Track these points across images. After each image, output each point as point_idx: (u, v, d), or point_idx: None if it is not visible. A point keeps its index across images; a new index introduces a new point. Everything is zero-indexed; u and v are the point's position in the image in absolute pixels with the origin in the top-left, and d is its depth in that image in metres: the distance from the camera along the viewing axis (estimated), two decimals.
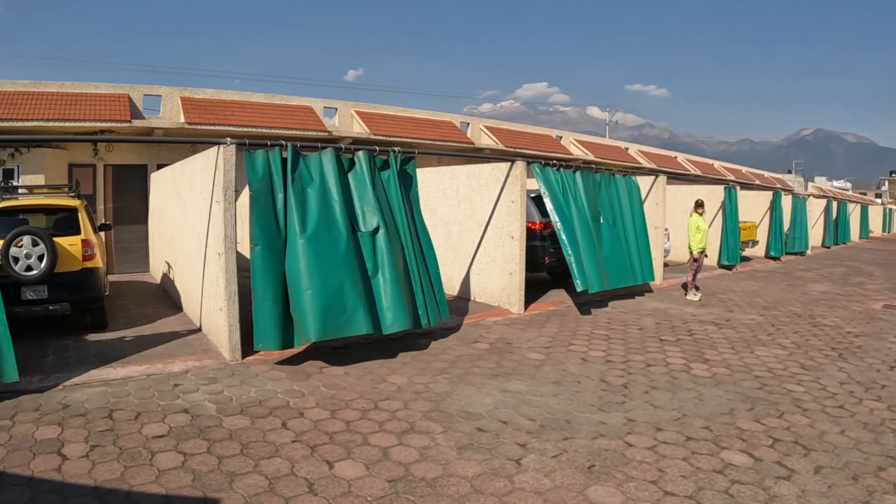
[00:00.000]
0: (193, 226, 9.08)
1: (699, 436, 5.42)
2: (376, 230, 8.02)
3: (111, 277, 13.86)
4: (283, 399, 6.17)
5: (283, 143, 7.70)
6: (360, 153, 8.30)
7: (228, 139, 7.47)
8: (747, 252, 21.54)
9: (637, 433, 5.46)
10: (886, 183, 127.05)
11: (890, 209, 60.41)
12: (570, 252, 10.83)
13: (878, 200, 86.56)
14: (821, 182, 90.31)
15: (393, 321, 7.87)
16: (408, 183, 8.79)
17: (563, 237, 10.92)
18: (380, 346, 8.35)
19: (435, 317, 8.57)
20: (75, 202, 9.51)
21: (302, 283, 7.30)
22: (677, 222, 18.36)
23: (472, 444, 5.17)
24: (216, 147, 7.60)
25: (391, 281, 7.93)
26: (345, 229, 7.73)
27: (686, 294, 12.95)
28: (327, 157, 7.94)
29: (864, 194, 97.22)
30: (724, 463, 4.88)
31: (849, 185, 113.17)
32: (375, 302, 7.84)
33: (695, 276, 12.99)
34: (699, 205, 13.12)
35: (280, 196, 7.54)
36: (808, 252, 25.32)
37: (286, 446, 5.07)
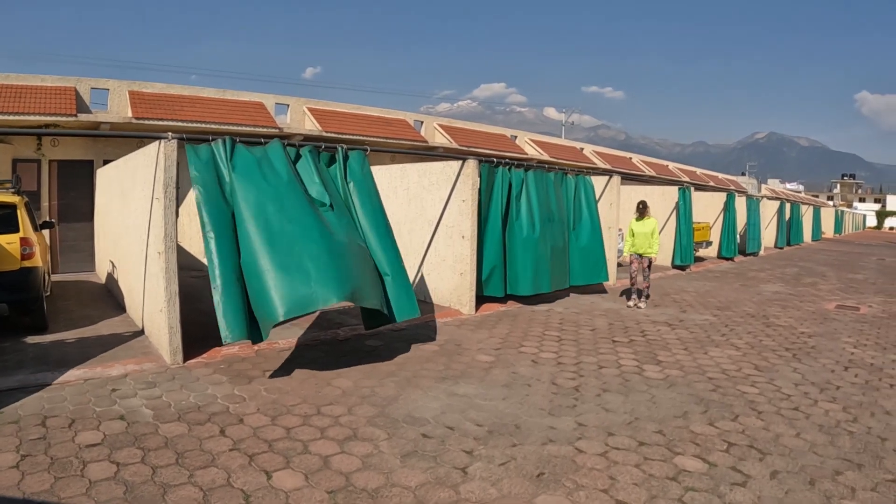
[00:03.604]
0: (136, 224, 8.76)
1: (652, 440, 5.32)
2: (329, 207, 7.57)
3: (55, 277, 13.45)
4: (222, 405, 5.93)
5: (225, 138, 7.41)
6: (305, 148, 8.03)
7: (170, 134, 7.20)
8: (701, 252, 21.75)
9: (588, 438, 5.34)
10: (838, 185, 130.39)
11: (841, 211, 61.90)
12: (491, 261, 10.92)
13: (830, 203, 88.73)
14: (774, 184, 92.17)
15: (364, 297, 7.22)
16: (358, 177, 8.36)
17: (485, 244, 10.92)
18: (327, 347, 8.15)
19: (405, 310, 7.96)
20: (14, 198, 9.17)
21: (260, 265, 6.80)
22: None
23: (417, 451, 5.00)
24: (157, 142, 7.33)
25: (356, 257, 7.38)
26: (298, 206, 7.23)
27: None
28: (274, 147, 7.67)
29: (817, 196, 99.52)
30: (677, 469, 4.77)
31: (801, 187, 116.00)
32: (344, 276, 7.07)
33: (632, 279, 12.11)
34: (638, 208, 12.16)
35: (228, 186, 7.17)
36: (762, 253, 25.68)
37: (223, 455, 4.84)
